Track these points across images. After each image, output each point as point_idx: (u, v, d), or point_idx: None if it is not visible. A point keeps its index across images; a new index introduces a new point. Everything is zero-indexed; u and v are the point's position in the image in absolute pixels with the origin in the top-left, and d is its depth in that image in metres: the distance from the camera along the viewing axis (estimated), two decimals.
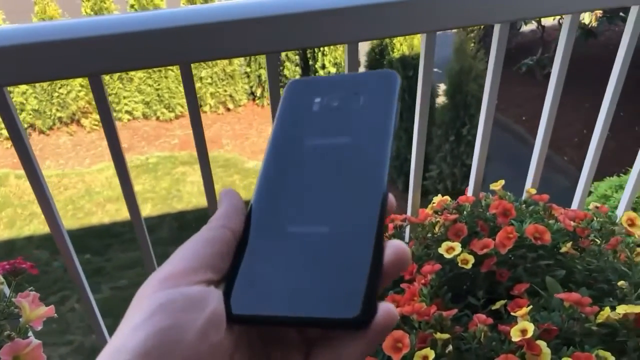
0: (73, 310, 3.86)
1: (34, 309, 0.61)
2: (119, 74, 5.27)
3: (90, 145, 5.33)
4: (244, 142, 5.51)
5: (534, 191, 0.83)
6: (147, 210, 4.78)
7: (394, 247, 0.28)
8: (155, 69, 5.32)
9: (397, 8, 0.66)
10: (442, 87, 4.60)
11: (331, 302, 0.26)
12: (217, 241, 0.29)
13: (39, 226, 4.48)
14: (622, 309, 0.61)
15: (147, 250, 0.85)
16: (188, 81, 0.67)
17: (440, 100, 4.73)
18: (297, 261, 0.28)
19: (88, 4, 5.03)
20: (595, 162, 0.91)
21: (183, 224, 4.61)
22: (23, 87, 5.02)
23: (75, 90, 5.15)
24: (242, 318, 0.27)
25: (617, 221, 0.74)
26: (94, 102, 5.32)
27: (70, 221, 4.63)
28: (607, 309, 0.61)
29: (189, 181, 5.04)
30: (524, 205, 0.80)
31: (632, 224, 0.72)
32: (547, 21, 6.31)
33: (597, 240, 0.75)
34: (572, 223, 0.74)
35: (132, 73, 5.26)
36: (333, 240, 0.28)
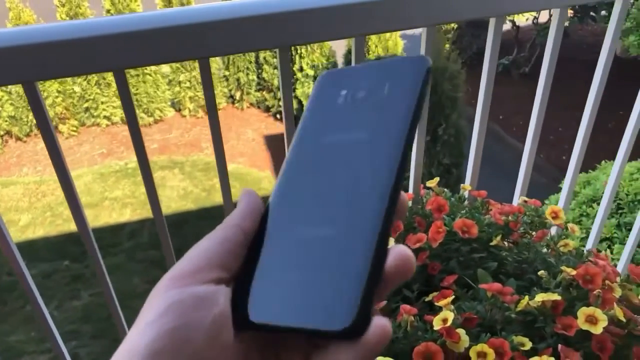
0: (51, 317, 3.84)
1: None
2: (96, 79, 5.25)
3: (69, 151, 5.30)
4: (223, 146, 5.51)
5: (469, 187, 0.86)
6: (126, 215, 4.77)
7: (396, 252, 0.27)
8: (132, 74, 5.31)
9: (398, 2, 0.69)
10: None
11: (324, 312, 0.26)
12: (228, 240, 0.29)
13: (15, 234, 4.45)
14: (540, 297, 0.64)
15: (97, 261, 0.87)
16: (124, 89, 0.69)
17: None
18: (300, 266, 0.28)
19: (63, 10, 5.00)
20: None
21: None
22: None
23: (52, 96, 5.12)
24: (243, 323, 0.27)
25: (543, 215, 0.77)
26: (71, 108, 5.31)
27: (48, 228, 4.61)
28: (527, 297, 0.64)
29: (169, 186, 5.04)
30: (459, 201, 0.83)
31: (555, 216, 0.75)
32: (521, 21, 6.40)
33: (528, 233, 0.78)
34: (503, 217, 0.77)
35: (110, 78, 5.24)
36: (336, 245, 0.27)
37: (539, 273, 0.68)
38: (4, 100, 5.04)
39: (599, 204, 2.61)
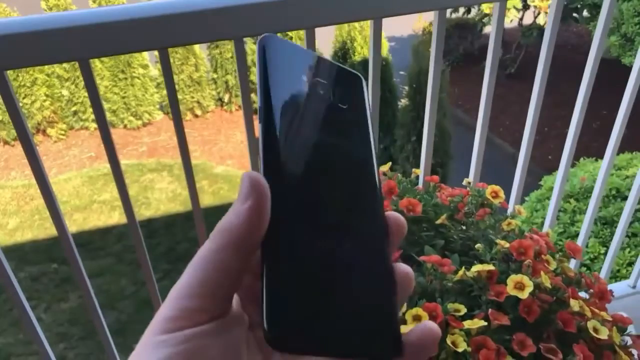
0: (40, 320, 3.86)
1: None
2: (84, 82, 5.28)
3: (57, 154, 5.32)
4: (212, 148, 5.55)
5: (419, 172, 0.92)
6: (115, 218, 4.79)
7: (400, 271, 0.28)
8: (121, 78, 5.34)
9: None
10: (406, 89, 4.71)
11: (369, 338, 0.26)
12: (221, 265, 0.26)
13: (4, 237, 4.46)
14: (475, 268, 0.69)
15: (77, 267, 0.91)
16: (90, 80, 0.74)
17: (403, 102, 4.84)
18: (328, 282, 0.26)
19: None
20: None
21: (151, 231, 4.62)
22: None
23: (40, 100, 5.14)
24: (279, 345, 0.25)
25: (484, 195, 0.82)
26: (59, 112, 5.33)
27: (37, 231, 4.62)
28: (463, 268, 0.70)
29: (157, 188, 5.07)
30: (411, 184, 0.89)
31: (495, 195, 0.80)
32: (507, 23, 6.48)
33: (473, 212, 0.84)
34: (449, 199, 0.82)
35: (98, 81, 5.26)
36: (355, 258, 0.27)
37: (476, 246, 0.73)
38: None
39: (576, 200, 2.68)
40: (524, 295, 0.64)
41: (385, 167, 0.89)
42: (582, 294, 0.78)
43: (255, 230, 0.25)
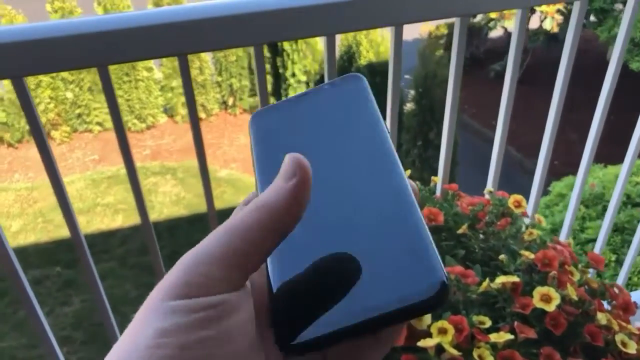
0: None
1: None
2: (88, 85, 5.28)
3: (60, 157, 5.32)
4: (217, 151, 5.54)
5: (437, 180, 0.90)
6: (118, 221, 4.78)
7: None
8: (125, 80, 5.34)
9: (367, 3, 0.73)
10: (411, 93, 4.71)
11: (401, 285, 0.23)
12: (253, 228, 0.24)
13: (12, 241, 4.46)
14: (500, 279, 0.68)
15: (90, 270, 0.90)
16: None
17: (409, 106, 4.83)
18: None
19: (56, 16, 5.04)
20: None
21: (155, 234, 4.62)
22: None
23: (45, 103, 5.14)
24: (305, 345, 0.24)
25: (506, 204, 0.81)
26: (63, 114, 5.33)
27: (40, 234, 4.62)
28: (487, 279, 0.68)
29: (161, 191, 5.06)
30: (430, 193, 0.87)
31: (518, 205, 0.79)
32: (512, 28, 6.47)
33: (494, 222, 0.82)
34: (470, 207, 0.81)
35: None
36: (382, 230, 0.26)
37: (500, 257, 0.72)
38: None
39: (585, 206, 2.66)
40: (551, 307, 0.63)
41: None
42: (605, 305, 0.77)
43: (295, 211, 0.24)
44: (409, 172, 0.90)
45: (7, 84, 4.96)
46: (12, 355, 3.56)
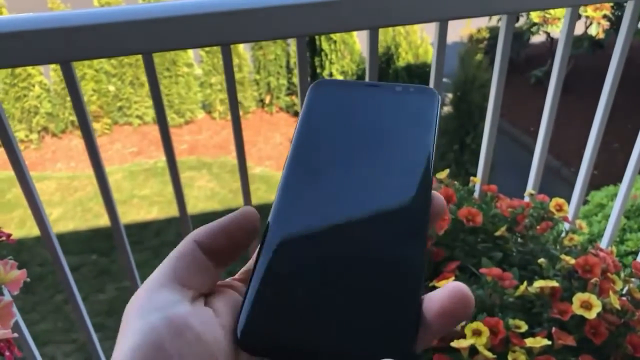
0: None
1: (9, 272, 0.68)
2: (130, 79, 5.40)
3: (101, 148, 5.42)
4: (252, 149, 5.59)
5: (477, 180, 0.88)
6: (154, 213, 4.87)
7: (451, 290, 0.24)
8: (165, 75, 5.44)
9: None
10: (449, 96, 4.65)
11: (371, 337, 0.23)
12: (185, 255, 0.29)
13: (53, 227, 4.59)
14: (538, 284, 0.66)
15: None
16: (150, 71, 0.74)
17: (446, 109, 4.78)
18: (326, 288, 0.25)
19: None
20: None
21: (187, 229, 4.68)
22: (37, 91, 5.16)
23: (88, 95, 5.28)
24: (258, 349, 0.24)
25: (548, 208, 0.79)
26: (105, 107, 5.46)
27: (78, 222, 4.74)
28: (525, 283, 0.66)
29: (196, 186, 5.13)
30: (469, 193, 0.86)
31: (559, 209, 0.77)
32: (556, 33, 6.33)
33: (534, 225, 0.80)
34: (509, 210, 0.79)
35: (143, 78, 5.37)
36: (372, 263, 0.25)
37: (539, 261, 0.70)
38: (42, 97, 5.22)
39: (626, 217, 2.58)
40: (591, 315, 0.61)
41: (442, 174, 0.86)
42: None
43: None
44: (447, 171, 0.89)
45: (53, 75, 5.12)
46: (48, 338, 3.67)
